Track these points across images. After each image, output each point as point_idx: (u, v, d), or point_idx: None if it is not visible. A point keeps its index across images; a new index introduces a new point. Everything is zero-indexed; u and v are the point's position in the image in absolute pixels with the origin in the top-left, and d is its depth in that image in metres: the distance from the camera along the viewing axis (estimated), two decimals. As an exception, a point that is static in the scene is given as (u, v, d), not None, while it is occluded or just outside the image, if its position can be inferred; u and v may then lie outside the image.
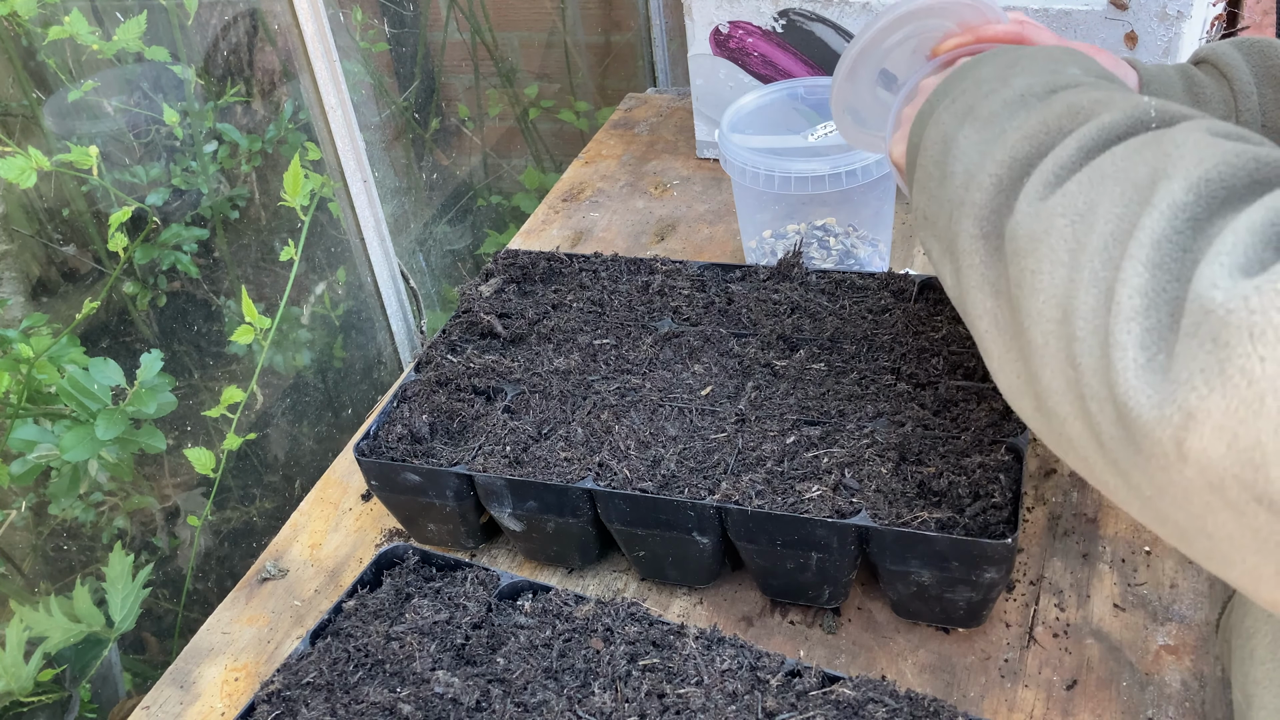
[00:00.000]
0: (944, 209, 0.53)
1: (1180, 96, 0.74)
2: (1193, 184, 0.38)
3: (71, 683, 1.00)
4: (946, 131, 0.55)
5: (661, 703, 0.64)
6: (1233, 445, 0.33)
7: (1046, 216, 0.43)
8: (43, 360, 0.97)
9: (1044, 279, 0.42)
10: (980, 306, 0.49)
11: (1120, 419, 0.38)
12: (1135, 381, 0.36)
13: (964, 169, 0.52)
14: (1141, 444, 0.37)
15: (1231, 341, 0.32)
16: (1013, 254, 0.45)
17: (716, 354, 0.88)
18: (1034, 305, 0.43)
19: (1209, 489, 0.34)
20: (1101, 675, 0.73)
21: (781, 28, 1.25)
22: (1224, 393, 0.33)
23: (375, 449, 0.85)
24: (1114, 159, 0.43)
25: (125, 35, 1.14)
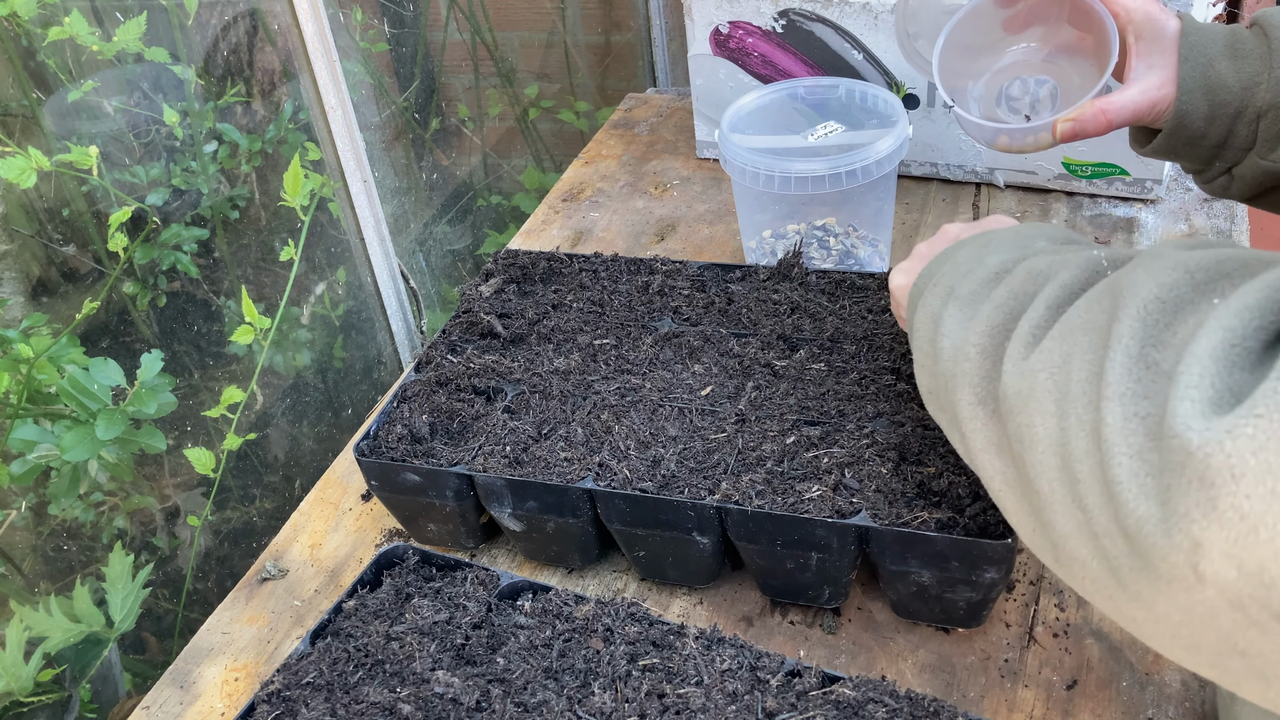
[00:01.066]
0: (941, 383, 0.57)
1: (1219, 48, 0.76)
2: (1136, 313, 0.41)
3: (71, 683, 1.00)
4: (933, 312, 0.60)
5: (661, 703, 0.64)
6: (1241, 570, 0.35)
7: (1029, 374, 0.47)
8: (43, 360, 0.97)
9: (1038, 431, 0.45)
10: (990, 468, 0.52)
11: (1134, 550, 0.39)
12: (1140, 512, 0.38)
13: (951, 345, 0.56)
14: (1160, 570, 0.38)
15: (1217, 482, 0.35)
16: (1007, 413, 0.48)
17: (716, 354, 0.88)
18: (1034, 457, 0.45)
19: (1232, 607, 0.36)
20: (1101, 675, 0.73)
21: (781, 28, 1.25)
22: (1221, 525, 0.35)
23: (375, 449, 0.85)
24: (1078, 311, 0.46)
25: (125, 36, 1.14)
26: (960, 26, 0.84)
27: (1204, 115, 0.75)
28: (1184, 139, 0.77)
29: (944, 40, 0.85)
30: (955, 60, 0.86)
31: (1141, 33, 0.77)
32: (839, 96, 1.08)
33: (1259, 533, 0.34)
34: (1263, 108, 0.74)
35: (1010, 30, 0.86)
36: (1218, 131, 0.76)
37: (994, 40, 0.86)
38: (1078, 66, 0.84)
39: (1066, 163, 1.20)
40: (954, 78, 0.87)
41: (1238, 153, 0.76)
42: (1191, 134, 0.76)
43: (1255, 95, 0.74)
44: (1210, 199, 1.19)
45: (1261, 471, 0.34)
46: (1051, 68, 0.86)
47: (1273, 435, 0.34)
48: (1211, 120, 0.75)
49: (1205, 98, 0.75)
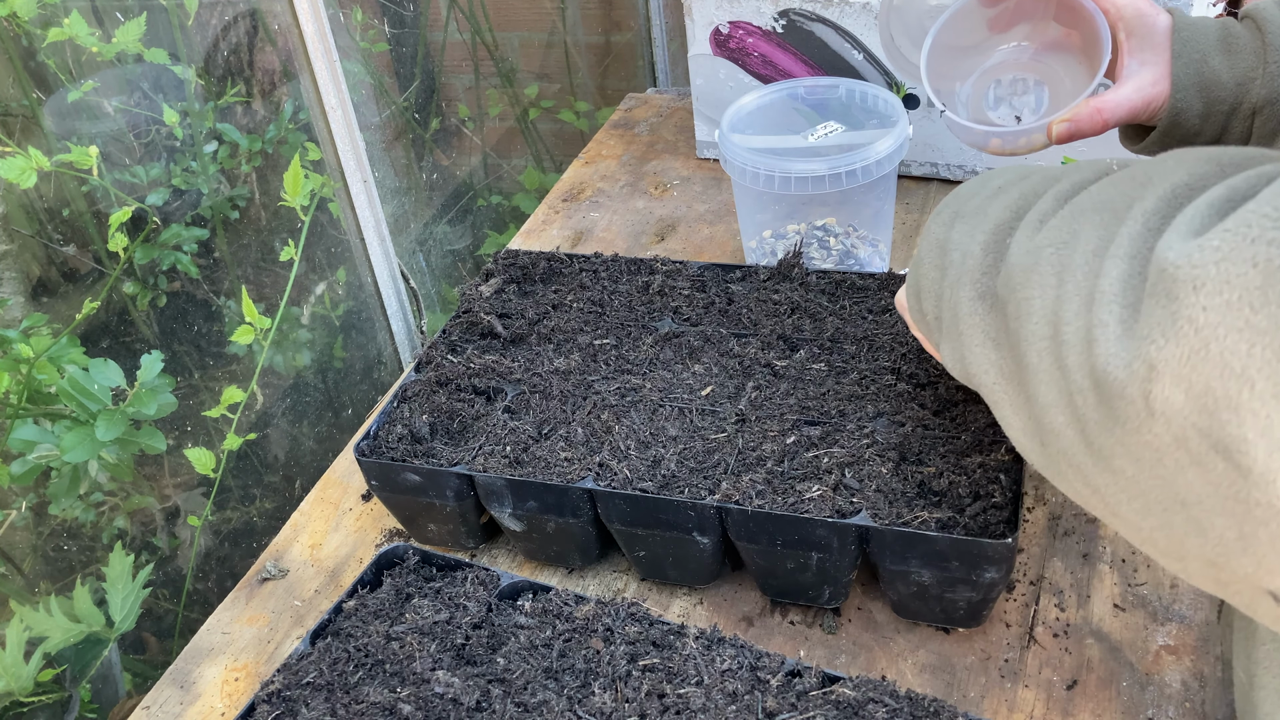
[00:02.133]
0: (945, 296, 0.57)
1: (1213, 43, 0.75)
2: (1163, 195, 0.41)
3: (71, 683, 1.00)
4: (939, 237, 0.59)
5: (661, 703, 0.64)
6: (1189, 393, 0.35)
7: (1034, 250, 0.47)
8: (43, 360, 0.97)
9: (1035, 304, 0.45)
10: (985, 360, 0.51)
11: (1100, 398, 0.39)
12: (1111, 348, 0.39)
13: (959, 253, 0.56)
14: (1117, 408, 0.38)
15: (1179, 294, 0.35)
16: (1009, 293, 0.48)
17: (717, 354, 0.88)
18: (1028, 329, 0.45)
19: (1176, 444, 0.36)
20: (1101, 675, 0.73)
21: (781, 28, 1.25)
22: (1176, 342, 0.35)
23: (375, 449, 0.85)
24: (1090, 194, 0.46)
25: (125, 37, 1.14)
26: (946, 28, 0.83)
27: (1199, 112, 0.75)
28: (1178, 136, 0.77)
29: (931, 43, 0.84)
30: (941, 62, 0.86)
31: (1133, 29, 0.77)
32: (839, 96, 1.08)
33: (1209, 347, 0.34)
34: (1258, 103, 0.74)
35: (995, 29, 0.86)
36: (1212, 128, 0.76)
37: (979, 40, 0.86)
38: (1065, 64, 0.84)
39: (1066, 161, 1.20)
40: (941, 80, 0.86)
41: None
42: (1186, 131, 0.76)
43: (1250, 91, 0.74)
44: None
45: (1220, 282, 0.34)
46: (1039, 66, 0.85)
47: (1236, 248, 0.34)
48: (1206, 117, 0.75)
49: (1200, 94, 0.75)
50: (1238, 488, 0.35)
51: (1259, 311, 0.33)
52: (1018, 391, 0.48)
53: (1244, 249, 0.33)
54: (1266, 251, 0.33)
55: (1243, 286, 0.33)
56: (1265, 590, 0.37)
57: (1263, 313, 0.33)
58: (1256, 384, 0.33)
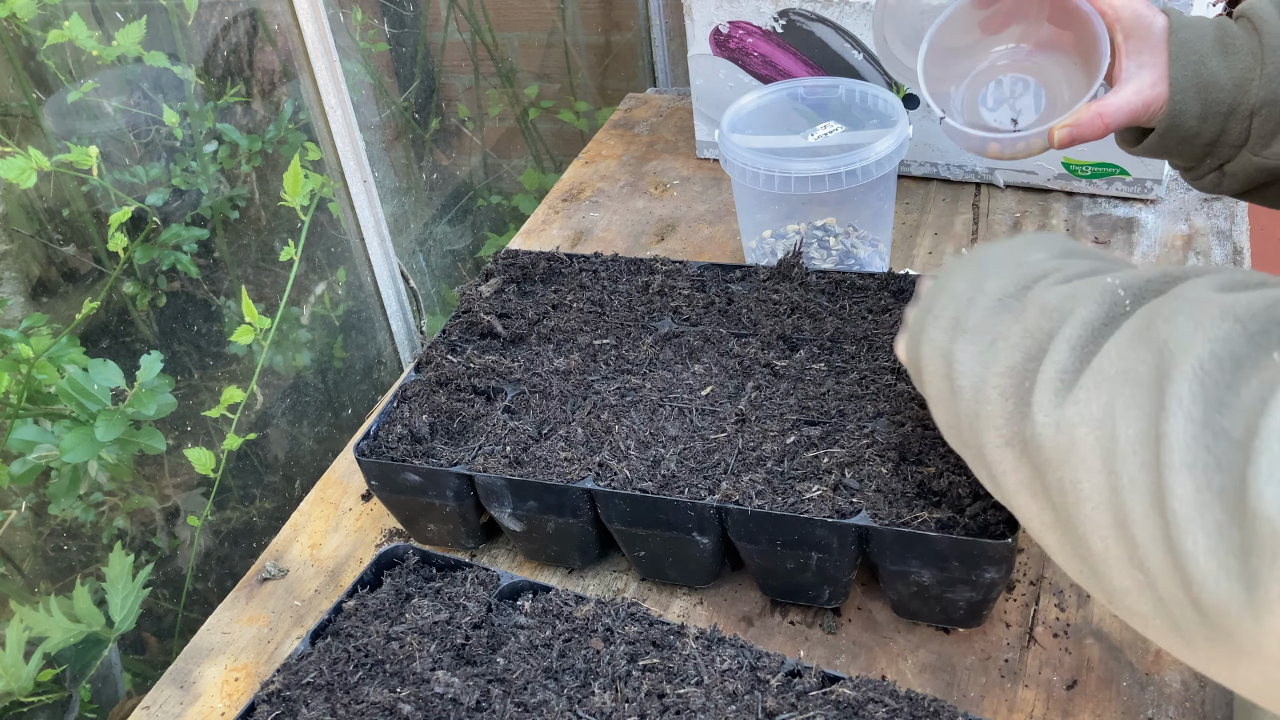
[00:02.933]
0: (962, 420, 0.56)
1: (1210, 45, 0.75)
2: (1192, 372, 0.39)
3: (71, 683, 1.00)
4: (942, 348, 0.58)
5: (661, 703, 0.64)
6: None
7: (1067, 428, 0.45)
8: (43, 360, 0.97)
9: (1085, 488, 0.44)
10: (1027, 510, 0.51)
11: (1207, 622, 0.39)
12: (1220, 591, 0.37)
13: (969, 383, 0.55)
14: (1244, 645, 0.38)
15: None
16: (1044, 465, 0.47)
17: (716, 354, 0.88)
18: (1084, 513, 0.44)
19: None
20: (1101, 675, 0.73)
21: (781, 28, 1.25)
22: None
23: (375, 449, 0.85)
24: (1111, 359, 0.45)
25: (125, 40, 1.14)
26: (941, 31, 0.83)
27: (1197, 114, 0.75)
28: (1177, 138, 0.77)
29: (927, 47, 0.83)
30: (935, 65, 0.85)
31: (1130, 31, 0.76)
32: (839, 96, 1.08)
33: None
34: (1256, 104, 0.73)
35: (988, 30, 0.85)
36: (1211, 129, 0.75)
37: (973, 41, 0.85)
38: (1060, 64, 0.83)
39: (1066, 163, 1.20)
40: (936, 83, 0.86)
41: (1231, 150, 0.76)
42: (1185, 133, 0.76)
43: (1248, 92, 0.73)
44: (1210, 199, 1.19)
45: None
46: (1033, 66, 0.85)
47: None
48: (1205, 119, 0.75)
49: (1198, 96, 0.75)
50: None
51: None
52: (1068, 548, 0.48)
53: None
54: None
55: None
56: None
57: None
58: None
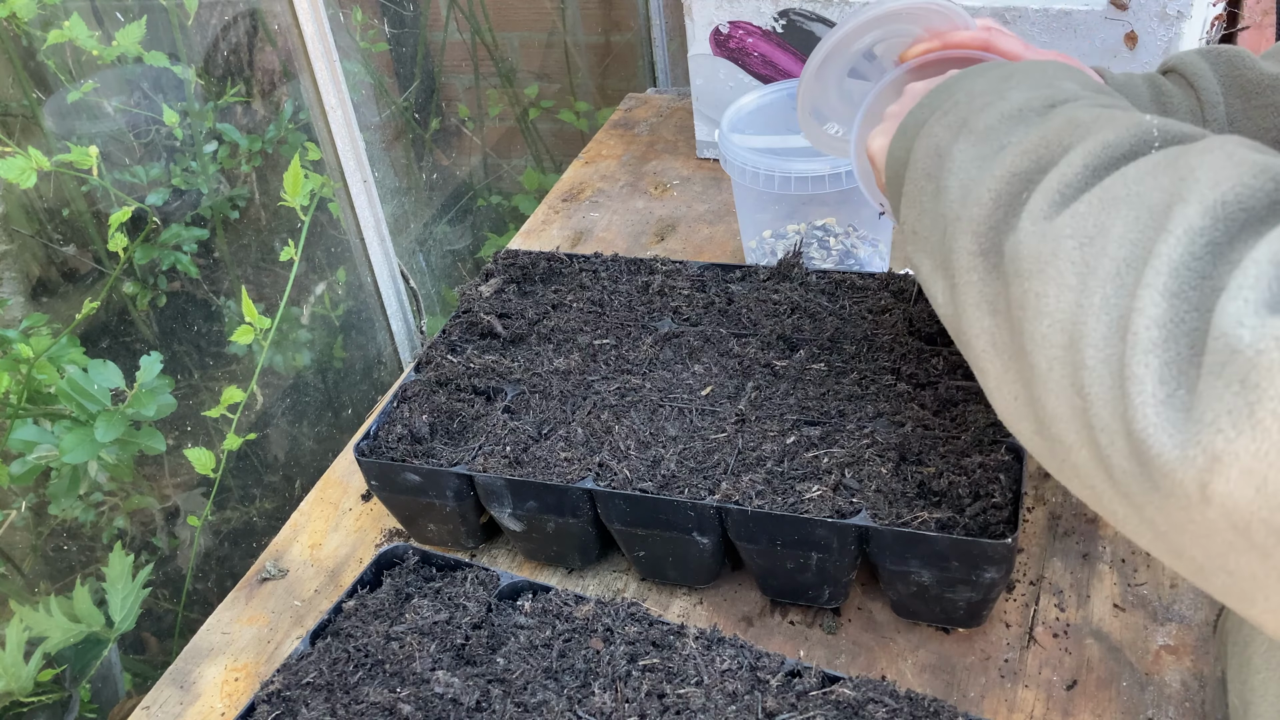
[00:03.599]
0: (937, 224, 0.52)
1: (1147, 105, 0.74)
2: (1209, 207, 0.37)
3: (71, 683, 1.00)
4: (940, 144, 0.54)
5: (661, 703, 0.64)
6: (1261, 489, 0.32)
7: (1053, 238, 0.42)
8: (43, 360, 0.97)
9: (1050, 302, 0.41)
10: (977, 325, 0.48)
11: (1135, 454, 0.36)
12: (1155, 419, 0.35)
13: (960, 184, 0.51)
14: (1160, 483, 0.36)
15: (1262, 384, 0.32)
16: (1015, 274, 0.44)
17: (716, 354, 0.88)
18: (1038, 329, 0.42)
19: (1233, 530, 0.34)
20: (1101, 675, 0.73)
21: (781, 28, 1.25)
22: (1254, 436, 0.32)
23: (375, 449, 0.85)
24: (1125, 180, 0.41)
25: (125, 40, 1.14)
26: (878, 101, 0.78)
27: None
28: None
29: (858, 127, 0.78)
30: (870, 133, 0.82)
31: None
32: (839, 96, 1.08)
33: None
34: None
35: None
36: None
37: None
38: None
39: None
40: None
41: None
42: None
43: None
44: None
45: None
46: None
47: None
48: None
49: None
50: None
51: None
52: (1011, 372, 0.45)
53: None
54: None
55: None
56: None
57: None
58: None
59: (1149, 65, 1.10)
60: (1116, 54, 1.11)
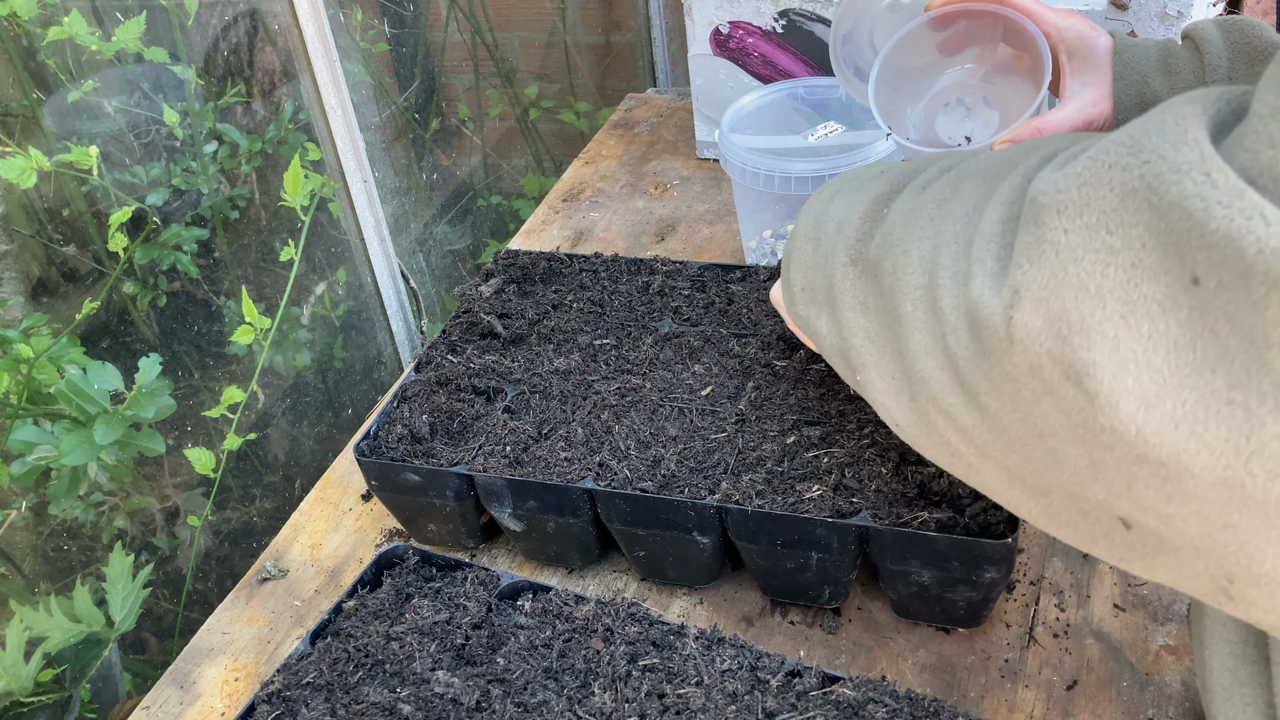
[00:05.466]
0: (819, 266, 0.58)
1: (1153, 65, 0.77)
2: (1047, 154, 0.43)
3: (71, 683, 1.00)
4: (815, 212, 0.60)
5: (661, 703, 0.64)
6: (1046, 316, 0.36)
7: (915, 206, 0.49)
8: (43, 361, 0.97)
9: (912, 254, 0.47)
10: (854, 325, 0.52)
11: (971, 326, 0.41)
12: (986, 282, 0.40)
13: (835, 223, 0.57)
14: (984, 339, 0.40)
15: (1045, 219, 0.37)
16: (885, 250, 0.49)
17: (716, 354, 0.88)
18: (904, 280, 0.47)
19: (1031, 373, 0.37)
20: (1101, 675, 0.73)
21: (781, 28, 1.25)
22: (1040, 264, 0.36)
23: (375, 449, 0.85)
24: (978, 160, 0.48)
25: (124, 36, 1.14)
26: (895, 51, 0.85)
27: None
28: None
29: (879, 68, 0.84)
30: (893, 84, 0.87)
31: (1074, 51, 0.78)
32: (839, 96, 1.08)
33: (1068, 270, 0.35)
34: None
35: (946, 52, 0.87)
36: None
37: (930, 62, 0.87)
38: (1014, 85, 0.85)
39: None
40: (893, 102, 0.88)
41: None
42: None
43: None
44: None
45: (1080, 205, 0.35)
46: (988, 88, 0.86)
47: (1096, 173, 0.35)
48: None
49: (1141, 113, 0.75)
50: (1086, 414, 0.36)
51: (1114, 233, 0.34)
52: (887, 350, 0.50)
53: (1102, 174, 0.35)
54: (1122, 176, 0.34)
55: (1100, 209, 0.35)
56: (1117, 517, 0.38)
57: (1117, 234, 0.34)
58: (1108, 304, 0.34)
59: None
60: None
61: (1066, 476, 0.39)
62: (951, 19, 0.83)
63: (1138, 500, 0.36)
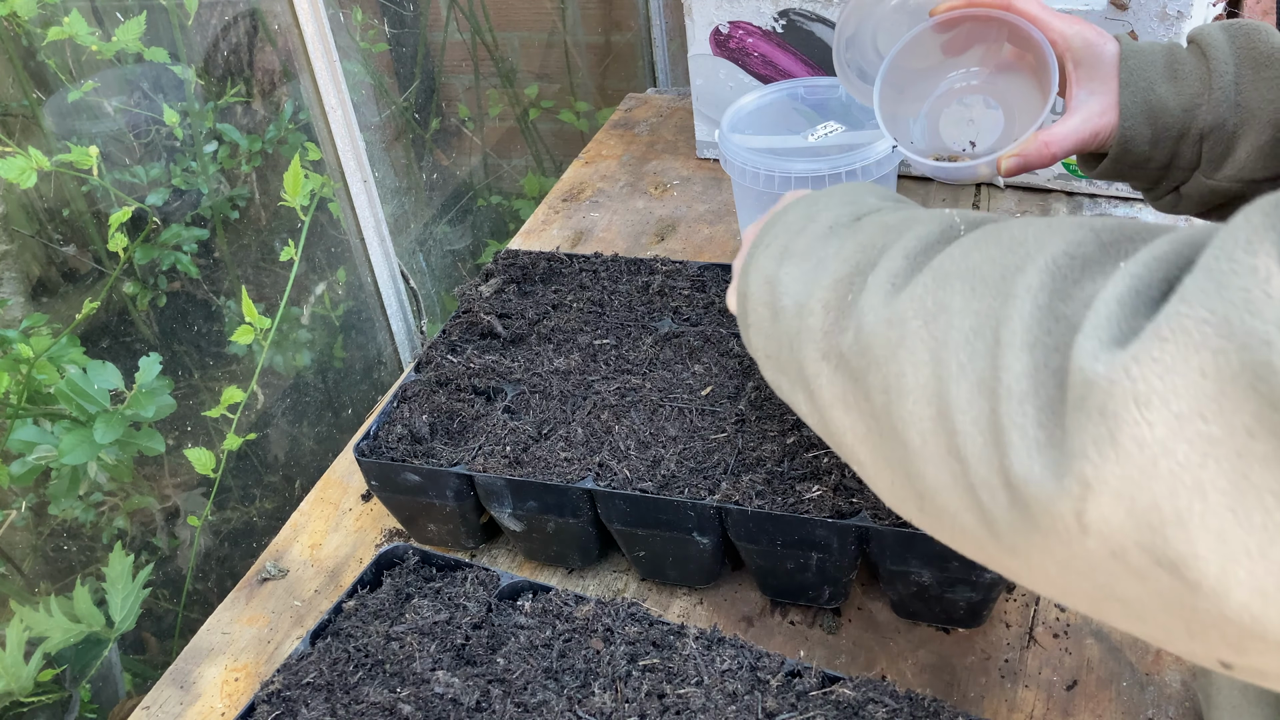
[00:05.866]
0: (783, 343, 0.55)
1: (1159, 71, 0.76)
2: (1044, 267, 0.39)
3: (71, 683, 1.00)
4: (768, 273, 0.58)
5: (661, 703, 0.64)
6: (1131, 511, 0.33)
7: (897, 322, 0.44)
8: (43, 360, 0.97)
9: (909, 380, 0.43)
10: (839, 423, 0.50)
11: (1015, 501, 0.38)
12: (1035, 458, 0.36)
13: (793, 302, 0.54)
14: (1041, 521, 0.37)
15: (1119, 411, 0.33)
16: (870, 363, 0.46)
17: (716, 354, 0.88)
18: (905, 408, 0.43)
19: (1112, 558, 0.35)
20: (1101, 675, 0.73)
21: (781, 28, 1.25)
22: (1118, 460, 0.33)
23: (375, 449, 0.85)
24: (952, 259, 0.44)
25: (124, 36, 1.14)
26: (901, 54, 0.84)
27: (1148, 139, 0.75)
28: (1130, 162, 0.77)
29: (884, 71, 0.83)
30: (897, 88, 0.86)
31: (1080, 59, 0.77)
32: (839, 96, 1.08)
33: (1158, 464, 0.32)
34: (1205, 129, 0.74)
35: (950, 53, 0.86)
36: (1162, 154, 0.76)
37: (934, 64, 0.86)
38: (1018, 86, 0.84)
39: (1066, 163, 1.20)
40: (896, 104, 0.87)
41: (1184, 173, 0.76)
42: (1137, 157, 0.76)
43: (1197, 117, 0.74)
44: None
45: (1166, 395, 0.32)
46: (993, 89, 0.86)
47: (1181, 358, 0.32)
48: (1155, 143, 0.75)
49: (1148, 121, 0.75)
50: (1184, 598, 0.33)
51: (1212, 422, 0.31)
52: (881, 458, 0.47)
53: (1189, 358, 0.32)
54: (1215, 362, 0.31)
55: (1192, 397, 0.32)
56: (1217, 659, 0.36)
57: (1216, 423, 0.31)
58: (1209, 496, 0.31)
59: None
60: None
61: (1149, 628, 0.37)
62: (956, 23, 0.82)
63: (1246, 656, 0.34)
